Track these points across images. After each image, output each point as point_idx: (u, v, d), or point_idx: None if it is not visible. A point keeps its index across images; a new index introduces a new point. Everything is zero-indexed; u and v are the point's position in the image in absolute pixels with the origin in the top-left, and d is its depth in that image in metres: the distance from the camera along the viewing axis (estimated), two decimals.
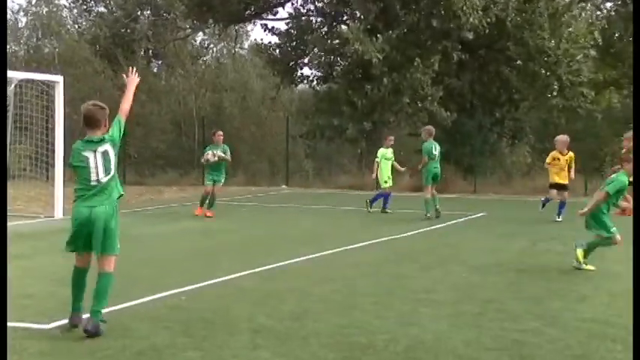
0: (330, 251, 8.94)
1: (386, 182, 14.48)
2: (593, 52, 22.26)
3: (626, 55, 26.72)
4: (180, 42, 30.60)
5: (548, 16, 21.11)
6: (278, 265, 7.85)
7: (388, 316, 5.49)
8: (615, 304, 6.01)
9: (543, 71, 21.38)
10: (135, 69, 5.41)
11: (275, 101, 27.81)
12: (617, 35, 26.77)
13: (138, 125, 23.92)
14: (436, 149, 13.40)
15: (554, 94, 21.84)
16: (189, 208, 14.09)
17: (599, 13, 24.73)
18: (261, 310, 5.63)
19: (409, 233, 11.14)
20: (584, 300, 6.22)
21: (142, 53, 30.29)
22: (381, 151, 14.65)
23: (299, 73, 25.37)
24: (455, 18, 20.20)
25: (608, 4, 27.37)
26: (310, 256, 8.49)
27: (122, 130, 5.05)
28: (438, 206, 13.30)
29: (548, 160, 13.24)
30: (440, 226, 12.31)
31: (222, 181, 13.66)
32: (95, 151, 4.88)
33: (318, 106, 23.81)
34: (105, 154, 4.90)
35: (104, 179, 4.88)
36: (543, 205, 13.08)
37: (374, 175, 14.91)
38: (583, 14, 22.40)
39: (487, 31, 20.72)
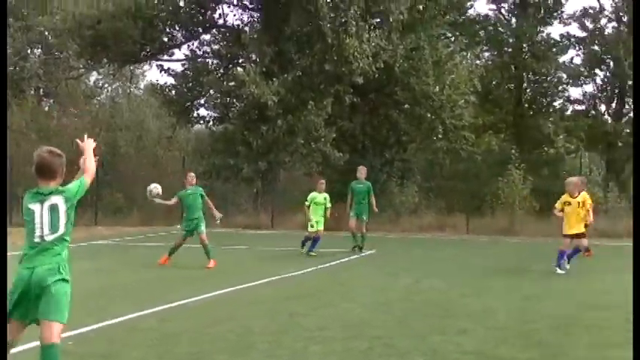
0: (226, 290, 9.00)
1: (312, 226, 14.29)
2: (473, 98, 24.05)
3: (504, 102, 29.00)
4: (73, 81, 30.03)
5: (433, 64, 22.75)
6: (172, 305, 7.79)
7: (281, 355, 5.60)
8: (492, 336, 6.44)
9: (429, 115, 22.89)
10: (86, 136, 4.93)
11: (171, 141, 27.87)
12: (494, 83, 29.00)
13: (29, 165, 22.98)
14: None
15: (439, 136, 23.33)
16: (81, 249, 13.66)
17: (478, 62, 26.68)
18: (154, 353, 5.55)
19: (304, 271, 11.39)
20: (464, 333, 6.61)
21: (32, 92, 29.41)
22: (311, 195, 14.61)
23: (195, 114, 25.68)
24: (346, 63, 21.18)
25: (486, 54, 29.69)
26: (206, 296, 8.49)
27: (83, 189, 4.47)
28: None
29: (557, 205, 11.60)
30: (333, 263, 12.75)
31: (202, 227, 11.74)
32: (42, 204, 4.32)
33: (214, 146, 24.07)
34: (53, 208, 4.30)
35: (49, 237, 4.26)
36: (568, 260, 11.42)
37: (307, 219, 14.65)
38: (464, 62, 24.20)
39: (377, 76, 21.97)
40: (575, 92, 32.21)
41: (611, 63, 28.79)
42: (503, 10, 30.27)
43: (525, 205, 22.14)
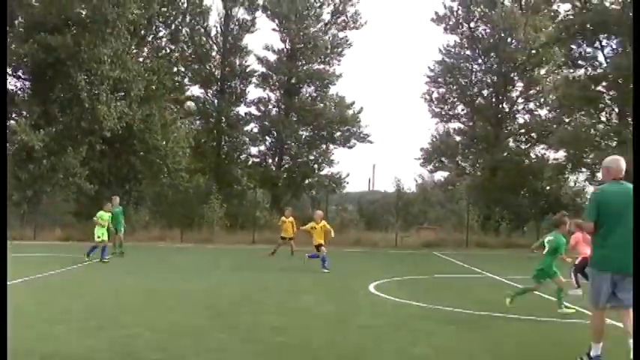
0: None
1: (99, 237, 16.01)
2: (188, 151, 31.33)
3: (209, 153, 36.52)
4: None
5: (161, 126, 29.83)
6: None
7: None
8: (190, 311, 9.97)
9: (158, 160, 29.72)
10: None
11: None
12: (203, 141, 36.60)
13: None
14: None
15: (165, 175, 30.43)
16: None
17: (192, 126, 34.14)
18: None
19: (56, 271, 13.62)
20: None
21: None
22: (99, 213, 16.37)
23: None
24: (98, 122, 26.59)
25: (198, 122, 37.06)
26: None
27: None
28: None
29: (308, 227, 15.83)
30: (85, 263, 15.68)
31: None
32: None
33: None
34: None
35: None
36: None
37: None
38: (183, 127, 31.23)
39: (120, 132, 27.87)
40: (254, 150, 38.43)
41: (275, 133, 37.07)
42: (210, 94, 36.94)
43: (221, 223, 29.66)
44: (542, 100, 35.17)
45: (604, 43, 32.05)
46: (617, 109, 31.81)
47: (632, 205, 5.73)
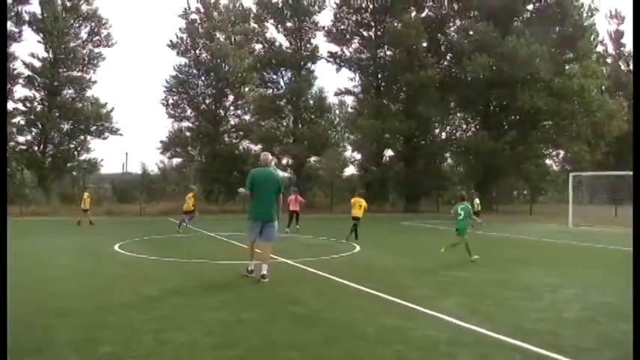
0: None
1: None
2: None
3: None
4: None
5: None
6: None
7: None
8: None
9: None
10: None
11: None
12: None
13: None
14: None
15: None
16: None
17: None
18: None
19: None
20: None
21: None
22: None
23: None
24: None
25: None
26: None
27: None
28: None
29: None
30: None
31: None
32: None
33: None
34: None
35: None
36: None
37: None
38: None
39: None
40: (21, 139, 48.50)
41: (41, 126, 46.44)
42: None
43: None
44: (246, 109, 50.80)
45: (283, 73, 49.08)
46: (292, 117, 49.16)
47: (270, 180, 10.05)
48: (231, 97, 50.56)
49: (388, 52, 48.58)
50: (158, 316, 7.31)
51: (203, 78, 49.09)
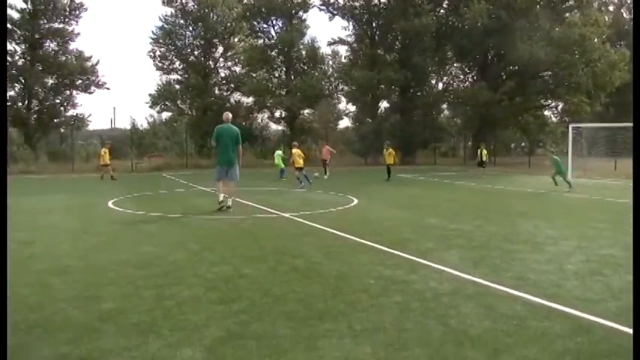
0: None
1: None
2: None
3: None
4: None
5: None
6: None
7: None
8: None
9: None
10: None
11: None
12: None
13: None
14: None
15: None
16: None
17: None
18: None
19: None
20: None
21: None
22: None
23: None
24: None
25: None
26: None
27: None
28: None
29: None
30: None
31: None
32: None
33: None
34: None
35: None
36: None
37: None
38: None
39: None
40: None
41: (24, 80, 45.53)
42: None
43: None
44: (236, 60, 50.10)
45: (274, 22, 48.24)
46: (285, 68, 48.59)
47: (230, 133, 13.05)
48: (220, 49, 49.90)
49: None
50: (158, 273, 7.37)
51: (191, 28, 48.27)
